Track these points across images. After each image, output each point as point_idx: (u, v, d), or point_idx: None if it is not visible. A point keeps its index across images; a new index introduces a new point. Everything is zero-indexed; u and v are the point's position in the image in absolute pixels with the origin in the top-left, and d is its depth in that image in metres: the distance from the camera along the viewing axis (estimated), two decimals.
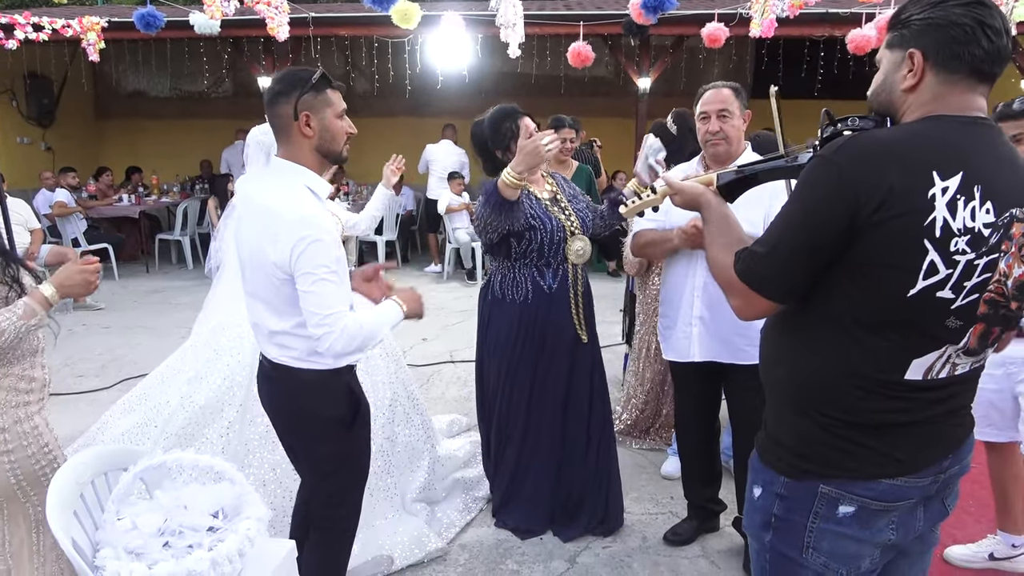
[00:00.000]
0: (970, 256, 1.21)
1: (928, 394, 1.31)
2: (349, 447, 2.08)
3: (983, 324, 1.29)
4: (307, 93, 1.83)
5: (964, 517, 3.15)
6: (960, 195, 1.19)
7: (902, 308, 1.23)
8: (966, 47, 1.25)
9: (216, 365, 3.08)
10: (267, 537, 1.66)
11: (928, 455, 1.33)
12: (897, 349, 1.27)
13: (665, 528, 3.02)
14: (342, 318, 1.81)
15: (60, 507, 1.48)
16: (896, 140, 1.26)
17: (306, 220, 1.79)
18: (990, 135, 1.29)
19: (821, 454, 1.34)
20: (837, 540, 1.35)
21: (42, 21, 7.17)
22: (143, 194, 9.77)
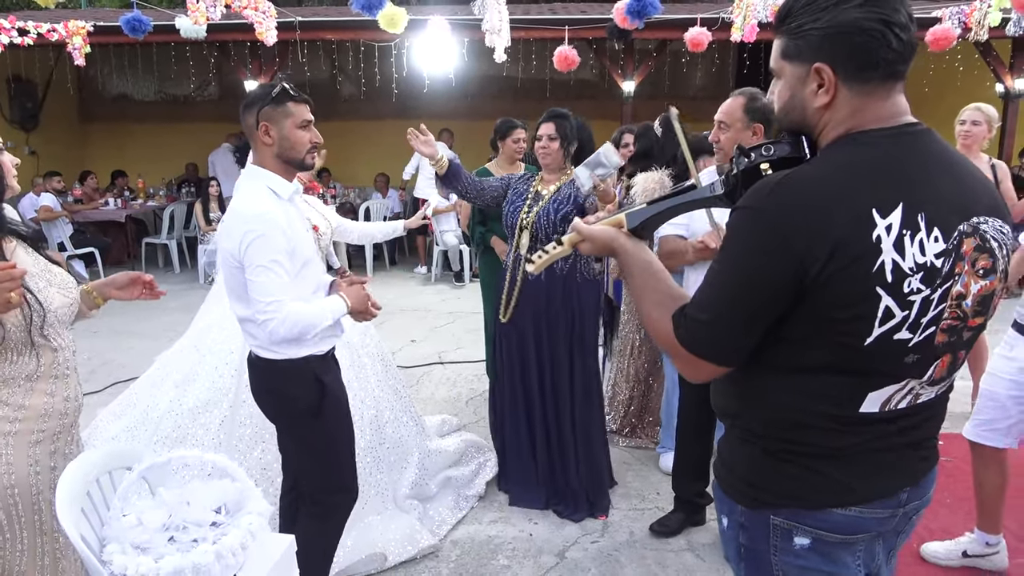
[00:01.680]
0: (925, 293, 1.13)
1: (887, 426, 1.23)
2: (318, 434, 2.22)
3: (948, 354, 1.21)
4: (267, 105, 2.04)
5: (939, 509, 3.25)
6: (905, 230, 1.10)
7: (858, 356, 1.15)
8: (876, 52, 1.14)
9: (203, 366, 3.12)
10: (268, 531, 1.72)
11: (884, 485, 1.25)
12: (852, 387, 1.19)
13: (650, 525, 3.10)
14: (284, 306, 1.98)
15: (69, 503, 1.53)
16: (825, 179, 1.14)
17: (256, 216, 1.99)
18: (922, 144, 1.19)
19: (771, 483, 1.27)
20: (803, 573, 1.28)
21: (27, 25, 7.15)
22: (129, 198, 9.75)
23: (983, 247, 1.18)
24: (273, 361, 2.13)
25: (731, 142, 2.54)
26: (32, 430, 1.68)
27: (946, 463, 3.71)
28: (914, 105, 1.23)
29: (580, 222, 1.45)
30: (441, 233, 8.28)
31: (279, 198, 2.08)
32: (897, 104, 1.19)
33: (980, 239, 1.17)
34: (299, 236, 2.09)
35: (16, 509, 1.66)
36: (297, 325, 2.02)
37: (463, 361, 5.45)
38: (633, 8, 6.08)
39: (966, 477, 3.28)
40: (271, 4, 7.09)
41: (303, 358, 2.13)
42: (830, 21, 1.14)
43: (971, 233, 1.16)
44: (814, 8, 1.16)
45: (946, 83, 8.81)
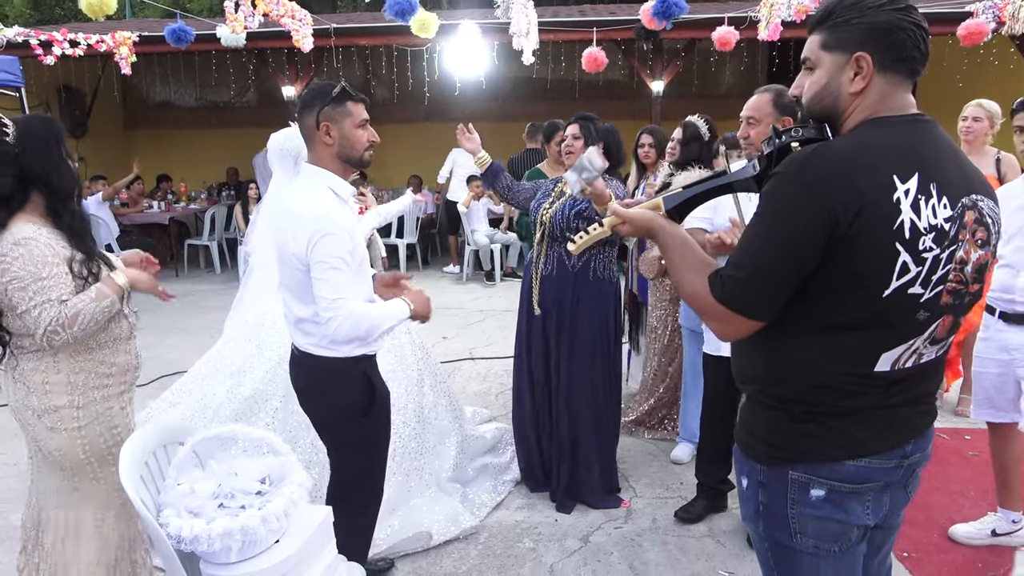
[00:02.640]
0: (936, 252, 1.26)
1: (896, 384, 1.36)
2: (366, 432, 2.27)
3: (951, 315, 1.34)
4: (327, 105, 2.07)
5: (963, 502, 3.28)
6: (921, 195, 1.24)
7: (877, 308, 1.27)
8: (908, 49, 1.31)
9: (259, 359, 3.29)
10: (307, 502, 1.86)
11: (891, 438, 1.38)
12: (868, 346, 1.31)
13: (674, 510, 3.19)
14: (348, 304, 2.01)
15: (130, 471, 1.69)
16: (855, 148, 1.29)
17: (321, 216, 2.01)
18: (930, 131, 1.35)
19: (790, 441, 1.40)
20: (819, 523, 1.40)
21: (78, 37, 7.48)
22: (172, 201, 10.09)
23: (981, 220, 1.33)
24: (324, 359, 2.15)
25: (761, 136, 2.58)
26: (119, 383, 2.08)
27: (972, 457, 3.73)
28: (947, 100, 1.38)
29: (617, 205, 1.57)
30: (472, 233, 8.42)
31: (340, 199, 2.11)
32: (909, 99, 1.36)
33: (979, 213, 1.32)
34: (357, 236, 2.11)
35: (119, 447, 1.90)
36: (361, 325, 2.03)
37: (493, 357, 5.58)
38: (658, 9, 6.15)
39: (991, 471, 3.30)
40: (307, 12, 7.31)
41: (355, 357, 2.16)
42: (873, 17, 1.30)
43: (971, 207, 1.31)
44: (859, 8, 1.31)
45: (981, 77, 8.68)
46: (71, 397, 1.96)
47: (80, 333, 1.88)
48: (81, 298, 1.88)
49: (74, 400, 1.96)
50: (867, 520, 1.40)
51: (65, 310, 1.84)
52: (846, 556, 1.43)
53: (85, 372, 1.98)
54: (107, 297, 1.93)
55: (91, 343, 1.98)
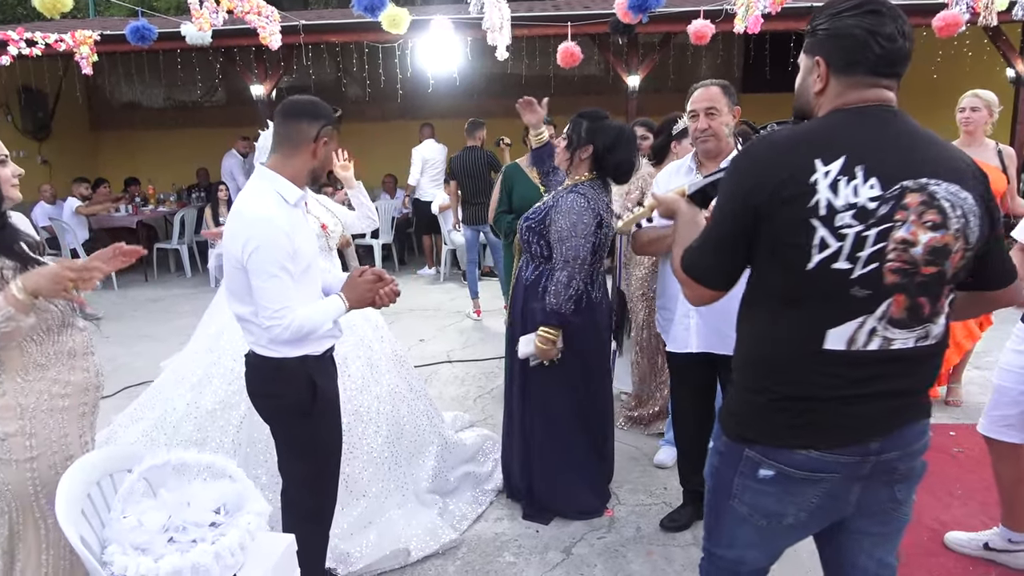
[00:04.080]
0: (858, 228, 1.34)
1: (858, 371, 1.40)
2: (310, 433, 2.25)
3: (903, 295, 1.37)
4: (329, 124, 2.13)
5: (951, 501, 3.22)
6: (842, 175, 1.34)
7: (805, 281, 1.38)
8: (860, 53, 1.41)
9: (217, 368, 3.15)
10: (267, 531, 1.73)
11: (850, 435, 1.43)
12: (810, 319, 1.41)
13: (659, 518, 3.10)
14: (290, 313, 2.02)
15: (69, 506, 1.55)
16: (785, 137, 1.45)
17: (260, 219, 2.01)
18: (883, 118, 1.42)
19: (752, 421, 1.52)
20: (757, 496, 1.52)
21: (35, 36, 7.23)
22: (140, 204, 9.84)
23: (931, 203, 1.36)
24: (269, 359, 2.15)
25: (721, 125, 2.67)
26: (78, 404, 1.89)
27: (958, 454, 3.68)
28: (923, 92, 1.36)
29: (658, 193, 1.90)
30: (449, 232, 8.29)
31: (286, 203, 2.09)
32: (878, 93, 1.43)
33: (928, 196, 1.36)
34: (302, 239, 2.11)
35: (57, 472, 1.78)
36: (301, 330, 2.06)
37: (471, 360, 5.46)
38: (634, 3, 6.06)
39: (979, 468, 3.26)
40: (274, 9, 7.13)
41: (299, 358, 2.15)
42: (831, 25, 1.44)
43: (917, 189, 1.36)
44: (825, 14, 1.46)
45: (955, 69, 8.71)
46: (21, 423, 1.76)
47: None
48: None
49: (25, 427, 1.76)
50: (811, 503, 1.48)
51: None
52: (772, 533, 1.55)
53: (36, 393, 1.79)
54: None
55: (40, 359, 1.80)
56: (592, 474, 3.20)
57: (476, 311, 6.73)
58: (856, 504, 1.50)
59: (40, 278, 1.77)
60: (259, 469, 2.89)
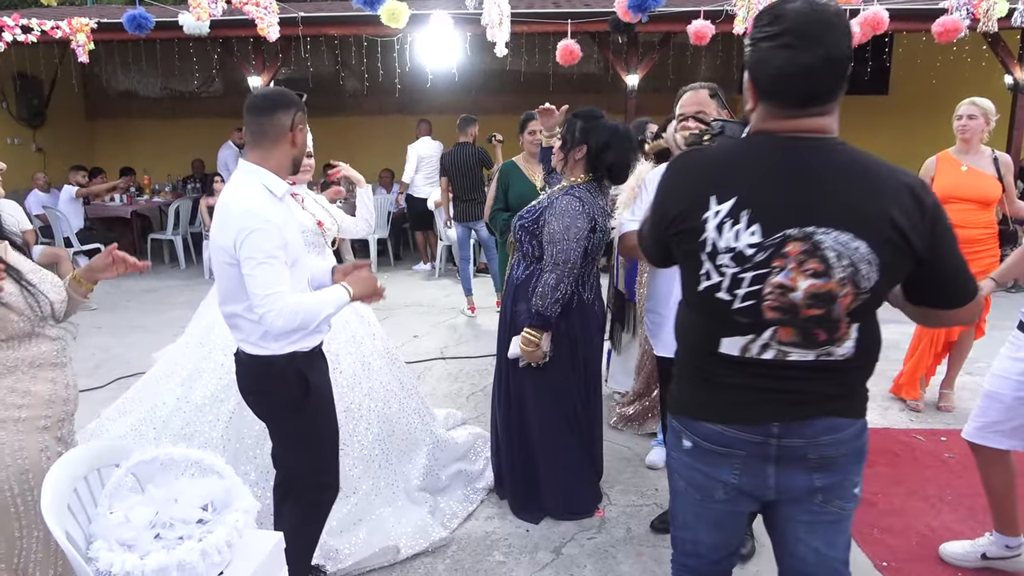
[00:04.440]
0: (734, 270, 1.42)
1: (755, 369, 1.48)
2: (305, 427, 2.24)
3: (788, 327, 1.43)
4: (301, 111, 2.14)
5: (941, 507, 3.22)
6: (728, 219, 1.41)
7: (696, 299, 1.51)
8: (774, 86, 1.39)
9: (208, 362, 3.13)
10: (255, 529, 1.72)
11: (748, 414, 1.51)
12: (705, 327, 1.52)
13: (650, 519, 3.09)
14: (282, 298, 1.99)
15: (55, 501, 1.53)
16: (698, 164, 1.53)
17: (250, 211, 2.00)
18: (795, 154, 1.41)
19: (676, 394, 1.66)
20: (687, 469, 1.64)
21: (31, 23, 7.18)
22: (135, 194, 9.79)
23: (813, 252, 1.38)
24: (257, 356, 2.13)
25: None
26: (39, 416, 1.78)
27: (949, 459, 3.69)
28: (921, 97, 1.29)
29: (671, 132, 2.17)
30: (444, 228, 8.26)
31: (273, 196, 2.09)
32: (805, 123, 1.40)
33: (811, 245, 1.38)
34: (291, 233, 2.10)
35: (32, 494, 1.73)
36: (297, 315, 2.01)
37: (465, 356, 5.45)
38: (634, 2, 6.04)
39: (969, 474, 3.26)
40: (273, 0, 7.08)
41: (288, 354, 2.13)
42: (751, 48, 1.43)
43: (800, 238, 1.38)
44: (753, 31, 1.42)
45: (954, 75, 8.72)
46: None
47: None
48: None
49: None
50: (731, 480, 1.56)
51: None
52: (707, 508, 1.64)
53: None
54: None
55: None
56: (583, 474, 3.19)
57: (470, 308, 6.72)
58: (776, 488, 1.55)
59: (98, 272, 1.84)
60: (248, 465, 2.88)
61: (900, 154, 4.13)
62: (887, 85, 10.38)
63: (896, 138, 10.32)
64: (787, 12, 1.36)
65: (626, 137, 2.88)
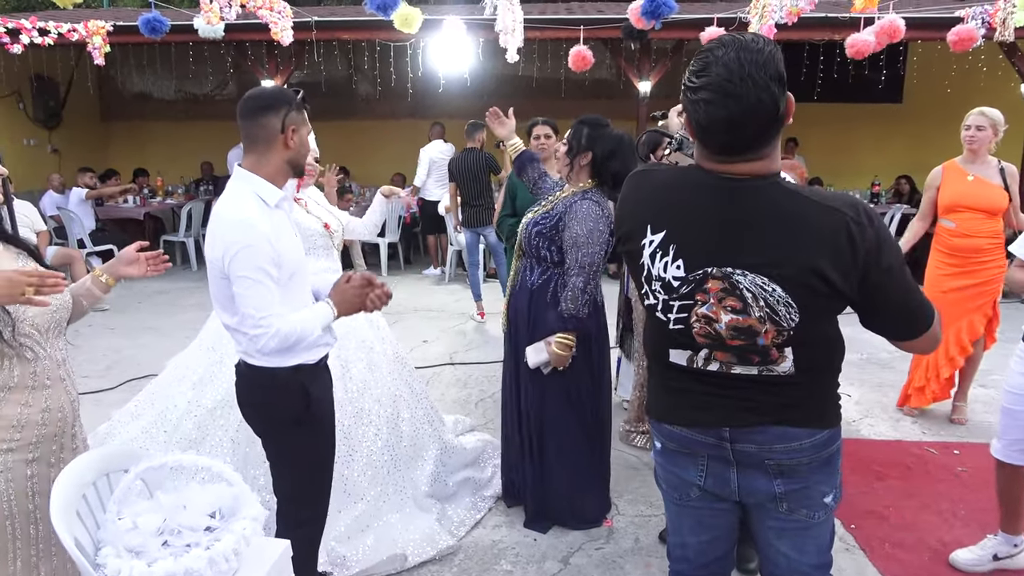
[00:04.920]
0: (664, 297, 1.51)
1: (703, 377, 1.55)
2: (301, 445, 2.16)
3: (721, 351, 1.50)
4: (293, 110, 2.02)
5: (954, 521, 3.19)
6: (659, 249, 1.49)
7: (648, 315, 1.59)
8: (705, 135, 1.42)
9: (220, 367, 3.14)
10: (263, 536, 1.71)
11: (701, 417, 1.57)
12: (658, 338, 1.60)
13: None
14: (276, 321, 1.93)
15: (64, 507, 1.53)
16: (645, 187, 1.58)
17: (240, 224, 1.91)
18: (724, 195, 1.43)
19: (648, 398, 1.74)
20: (662, 470, 1.72)
21: (48, 26, 7.24)
22: (148, 195, 9.85)
23: (732, 291, 1.44)
24: (261, 369, 2.06)
25: None
26: (7, 439, 1.71)
27: (962, 473, 3.65)
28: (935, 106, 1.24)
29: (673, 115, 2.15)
30: (455, 233, 8.27)
31: (266, 205, 2.00)
32: (729, 168, 1.41)
33: (729, 284, 1.43)
34: (286, 244, 2.01)
35: None
36: (288, 338, 1.96)
37: (474, 362, 5.44)
38: (647, 8, 6.03)
39: (983, 488, 3.22)
40: (287, 4, 7.12)
41: (292, 367, 2.07)
42: (683, 97, 1.43)
43: (720, 277, 1.44)
44: (686, 79, 1.42)
45: (969, 84, 8.65)
46: None
47: None
48: None
49: None
50: (697, 480, 1.63)
51: None
52: (685, 509, 1.69)
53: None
54: None
55: None
56: (595, 482, 3.18)
57: (479, 313, 6.71)
58: (739, 491, 1.60)
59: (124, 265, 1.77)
60: (258, 470, 2.88)
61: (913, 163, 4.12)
62: (901, 94, 10.32)
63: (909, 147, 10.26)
64: (713, 63, 1.35)
65: (630, 147, 2.89)
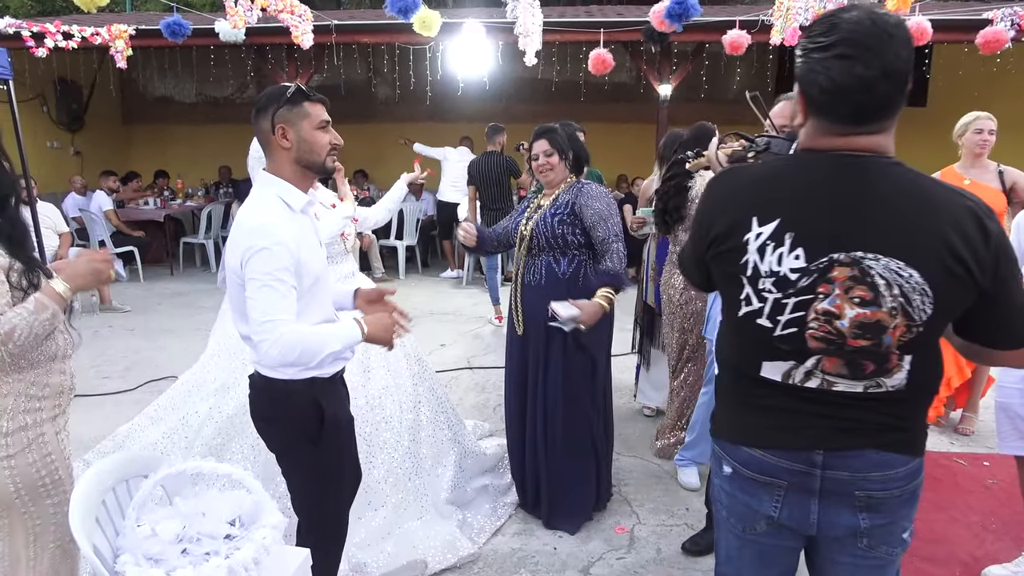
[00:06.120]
0: (776, 295, 1.34)
1: (797, 393, 1.39)
2: (314, 462, 2.05)
3: (834, 357, 1.34)
4: (283, 107, 1.91)
5: (985, 535, 3.10)
6: (770, 241, 1.33)
7: (737, 324, 1.43)
8: (826, 101, 1.29)
9: (242, 374, 3.12)
10: (282, 545, 1.69)
11: (790, 439, 1.41)
12: (746, 348, 1.44)
13: (680, 539, 3.02)
14: (279, 327, 1.80)
15: (83, 513, 1.52)
16: (740, 186, 1.43)
17: (259, 228, 1.84)
18: (847, 173, 1.30)
19: (717, 415, 1.57)
20: (727, 497, 1.54)
21: (72, 29, 7.32)
22: (168, 198, 9.93)
23: (861, 279, 1.29)
24: (274, 380, 1.96)
25: None
26: (53, 405, 1.83)
27: (992, 486, 3.56)
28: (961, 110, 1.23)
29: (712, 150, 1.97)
30: None
31: (291, 210, 1.93)
32: (850, 143, 1.30)
33: (859, 271, 1.29)
34: (308, 252, 1.93)
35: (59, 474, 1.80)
36: (295, 349, 1.82)
37: (492, 367, 5.40)
38: (674, 11, 5.97)
39: (1013, 501, 3.14)
40: (307, 8, 7.14)
41: (307, 380, 1.97)
42: (803, 62, 1.31)
43: (848, 264, 1.29)
44: (803, 43, 1.32)
45: (995, 87, 8.51)
46: (18, 421, 1.73)
47: (16, 350, 1.66)
48: (17, 311, 1.65)
49: (2, 426, 1.71)
50: (771, 512, 1.45)
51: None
52: (748, 541, 1.52)
53: (14, 395, 1.74)
54: (47, 309, 1.68)
55: (22, 362, 1.73)
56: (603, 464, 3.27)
57: (497, 317, 6.68)
58: (818, 524, 1.44)
59: (79, 276, 1.78)
60: (279, 476, 2.85)
61: (938, 166, 4.03)
62: (926, 97, 10.17)
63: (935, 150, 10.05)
64: (843, 21, 1.26)
65: None
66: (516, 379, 3.23)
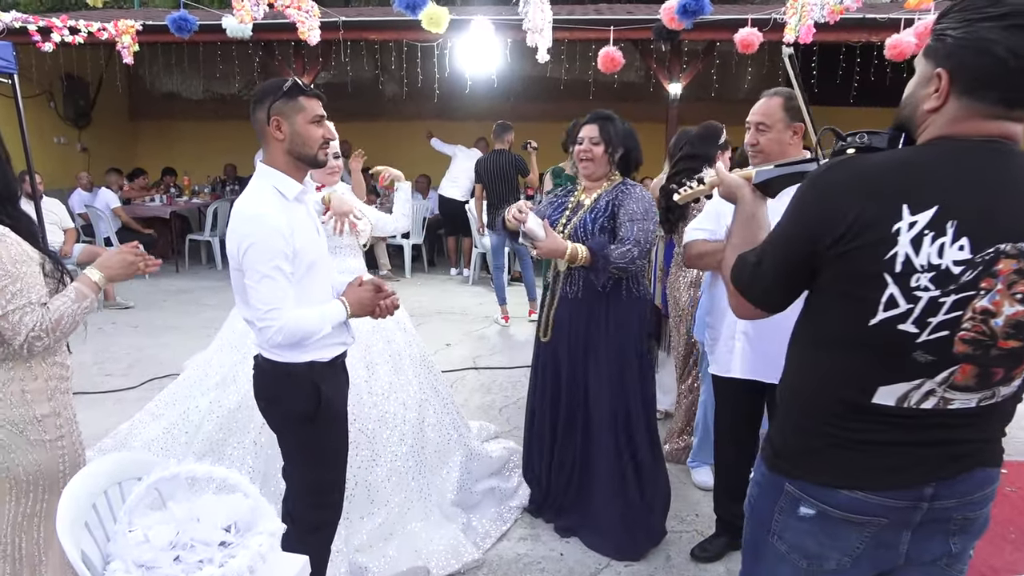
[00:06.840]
0: (933, 293, 1.18)
1: (909, 422, 1.27)
2: (312, 443, 2.15)
3: (972, 364, 1.22)
4: (279, 100, 1.98)
5: (1003, 545, 3.02)
6: (929, 230, 1.16)
7: (863, 335, 1.23)
8: (994, 77, 1.16)
9: (242, 367, 3.08)
10: (279, 552, 1.62)
11: (900, 478, 1.29)
12: (863, 372, 1.27)
13: (690, 546, 2.95)
14: (283, 315, 1.95)
15: (71, 519, 1.46)
16: (877, 170, 1.23)
17: (255, 218, 1.94)
18: (1000, 158, 1.20)
19: (792, 455, 1.39)
20: (799, 535, 1.39)
21: (78, 24, 7.28)
22: (175, 195, 9.90)
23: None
24: (276, 363, 2.07)
25: (772, 143, 2.46)
26: (69, 385, 1.94)
27: (1011, 493, 3.47)
28: None
29: (721, 169, 1.72)
30: (479, 235, 8.19)
31: (284, 199, 2.02)
32: (1003, 127, 1.20)
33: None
34: (304, 238, 2.02)
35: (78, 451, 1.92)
36: (295, 334, 1.98)
37: (498, 367, 5.34)
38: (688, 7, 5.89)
39: None
40: (314, 4, 7.09)
41: (306, 364, 2.07)
42: (968, 34, 1.17)
43: (1015, 255, 1.17)
44: (962, 16, 1.18)
45: None
46: (52, 404, 1.85)
47: (61, 337, 1.78)
48: (61, 299, 1.78)
49: (55, 407, 1.85)
50: (856, 548, 1.34)
51: (47, 313, 1.74)
52: (810, 574, 1.40)
53: (55, 377, 1.87)
54: (86, 297, 1.83)
55: (56, 345, 1.85)
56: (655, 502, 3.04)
57: (504, 317, 6.61)
58: (906, 555, 1.35)
59: (113, 267, 1.91)
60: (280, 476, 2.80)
61: None
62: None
63: None
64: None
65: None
66: (537, 384, 3.10)
